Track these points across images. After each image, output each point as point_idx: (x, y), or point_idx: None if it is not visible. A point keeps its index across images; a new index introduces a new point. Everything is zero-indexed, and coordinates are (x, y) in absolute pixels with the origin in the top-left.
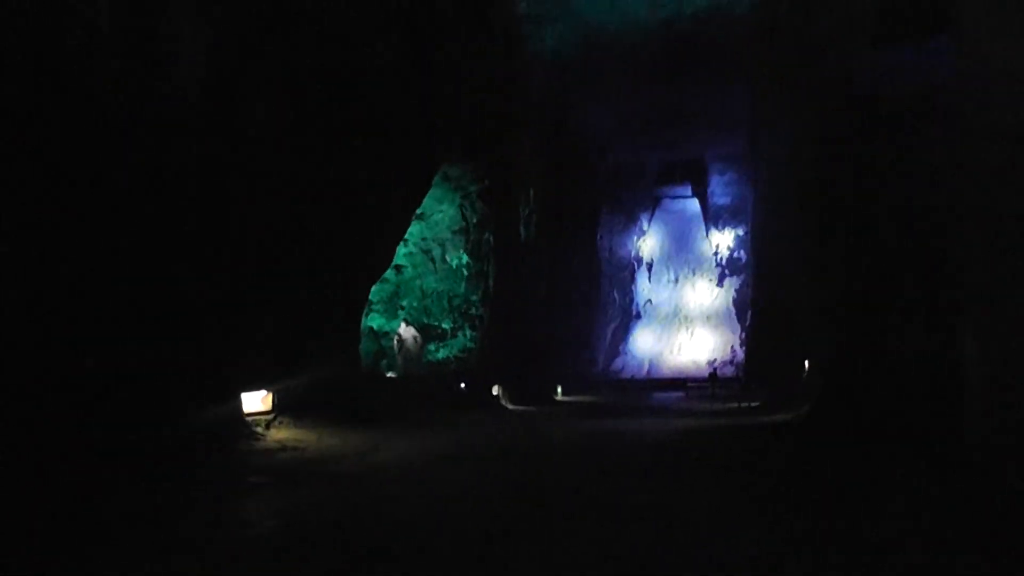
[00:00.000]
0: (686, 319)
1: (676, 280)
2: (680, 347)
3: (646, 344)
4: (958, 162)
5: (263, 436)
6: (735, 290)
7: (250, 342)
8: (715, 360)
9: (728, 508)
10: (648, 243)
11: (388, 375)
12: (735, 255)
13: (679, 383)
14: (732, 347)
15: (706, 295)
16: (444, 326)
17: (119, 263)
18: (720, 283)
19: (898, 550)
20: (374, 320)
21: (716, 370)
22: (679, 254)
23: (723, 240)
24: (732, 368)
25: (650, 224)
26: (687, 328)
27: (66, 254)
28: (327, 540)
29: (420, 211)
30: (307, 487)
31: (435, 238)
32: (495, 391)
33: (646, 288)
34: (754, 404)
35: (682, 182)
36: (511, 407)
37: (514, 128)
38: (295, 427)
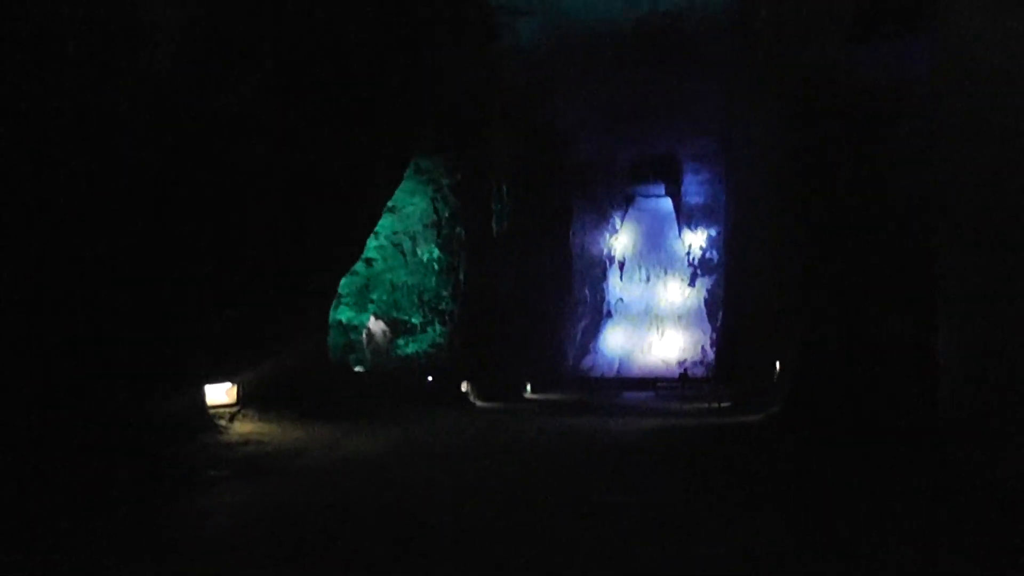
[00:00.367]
0: (657, 318)
1: (648, 279)
2: (651, 346)
3: (617, 343)
4: (934, 158)
5: (226, 429)
6: (707, 290)
7: (215, 333)
8: (686, 360)
9: (698, 508)
10: (620, 241)
11: (356, 369)
12: (707, 255)
13: (649, 382)
14: (703, 347)
15: (678, 295)
16: (414, 320)
17: (76, 252)
18: (692, 283)
19: (876, 550)
20: (343, 313)
21: (687, 370)
22: (651, 253)
23: (696, 240)
24: (702, 368)
25: (623, 222)
26: (658, 327)
27: (21, 244)
28: (282, 537)
29: (391, 204)
30: (267, 482)
31: (406, 231)
32: (464, 387)
33: (618, 286)
34: (724, 404)
35: (656, 181)
36: (480, 403)
37: (487, 122)
38: (259, 420)
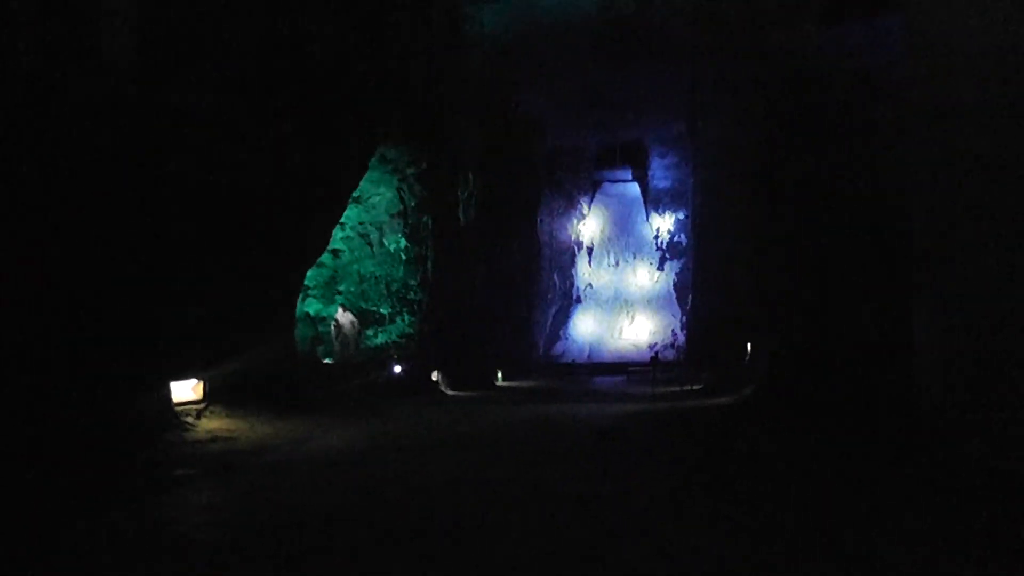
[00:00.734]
0: (627, 303)
1: (617, 264)
2: (621, 331)
3: (587, 328)
4: (907, 140)
5: (193, 426)
6: (675, 274)
7: (179, 329)
8: (656, 344)
9: (673, 496)
10: (588, 227)
11: (325, 361)
12: (675, 239)
13: (620, 367)
14: (673, 331)
15: (647, 279)
16: (382, 311)
17: (33, 248)
18: (661, 267)
19: (856, 540)
20: (311, 305)
21: (657, 354)
22: (620, 238)
23: (663, 224)
24: (673, 352)
25: (590, 207)
26: (628, 312)
27: None
28: (250, 537)
29: (357, 194)
30: (235, 479)
31: (373, 222)
32: (434, 377)
33: (587, 272)
34: (696, 387)
35: (622, 165)
36: (451, 392)
37: (454, 111)
38: (227, 416)
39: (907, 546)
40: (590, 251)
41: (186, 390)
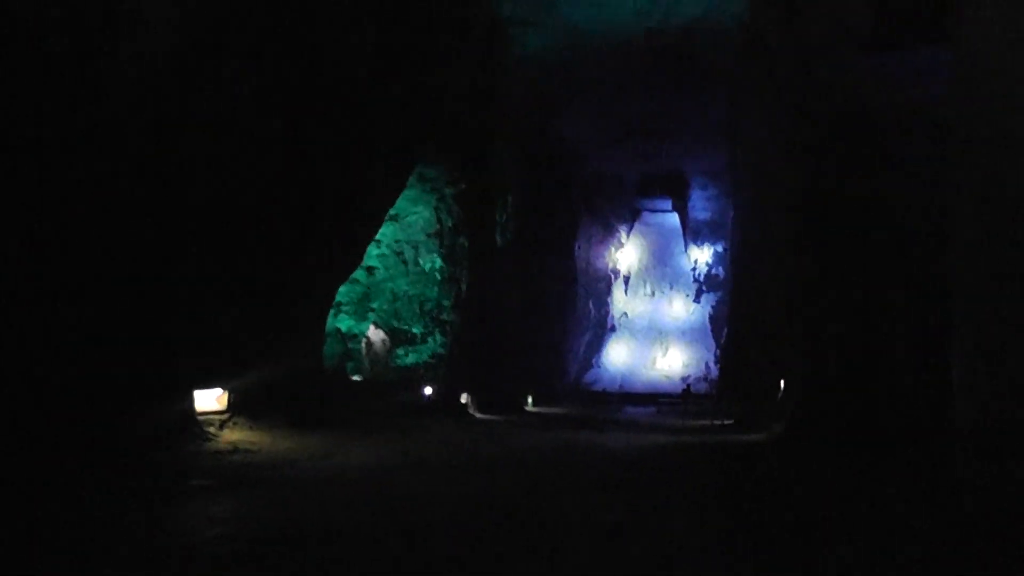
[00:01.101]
0: (661, 334)
1: (653, 294)
2: (654, 362)
3: (620, 357)
4: (950, 172)
5: (215, 437)
6: (711, 306)
7: (207, 338)
8: (689, 376)
9: (702, 532)
10: (626, 255)
11: (353, 378)
12: (713, 271)
13: (652, 398)
14: (707, 364)
15: (682, 311)
16: (414, 330)
17: (63, 254)
18: (697, 299)
19: None
20: (343, 322)
21: (689, 386)
22: (657, 268)
23: (701, 256)
24: (706, 385)
25: (628, 236)
26: (662, 343)
27: (6, 244)
28: (258, 552)
29: (394, 212)
30: (251, 492)
31: (408, 240)
32: (463, 399)
33: (622, 301)
34: (727, 422)
35: (662, 195)
36: (479, 416)
37: (493, 132)
38: (250, 428)
39: None
40: (626, 280)
41: (210, 400)
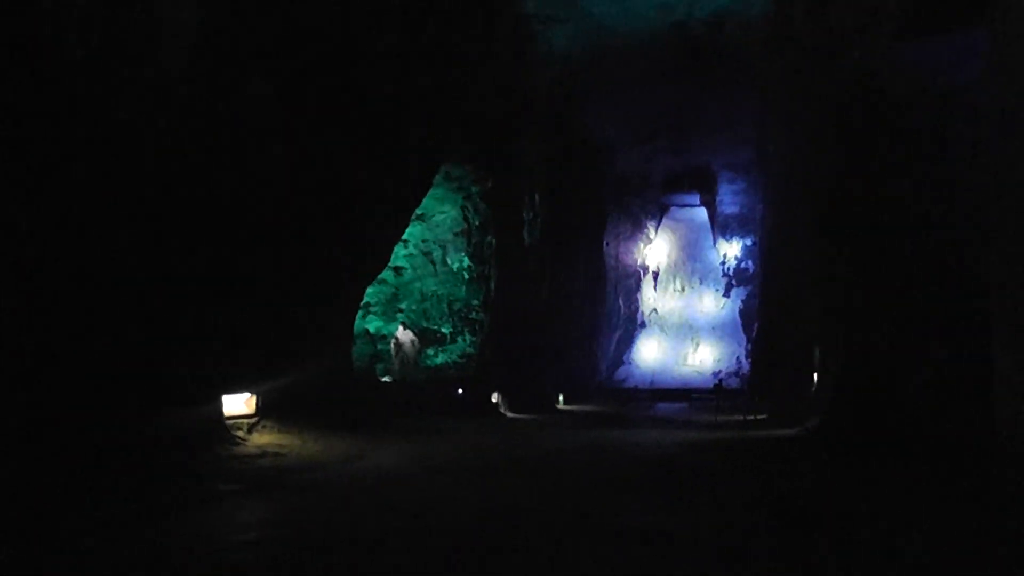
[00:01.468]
0: (692, 329)
1: (682, 290)
2: (685, 357)
3: (650, 354)
4: (987, 163)
5: (243, 441)
6: (742, 301)
7: (235, 341)
8: (720, 371)
9: (743, 533)
10: (655, 251)
11: (383, 379)
12: (743, 265)
13: (683, 394)
14: (738, 358)
15: (712, 306)
16: (443, 330)
17: (92, 255)
18: (727, 293)
19: None
20: (371, 323)
21: (721, 381)
22: (686, 263)
23: (731, 250)
24: (737, 380)
25: (657, 232)
26: (692, 339)
27: (32, 248)
28: (282, 559)
29: (421, 211)
30: (279, 497)
31: (436, 240)
32: (494, 398)
33: (651, 297)
34: (760, 417)
35: (690, 190)
36: (510, 415)
37: (519, 129)
38: (279, 431)
39: None
40: (656, 276)
41: (239, 403)
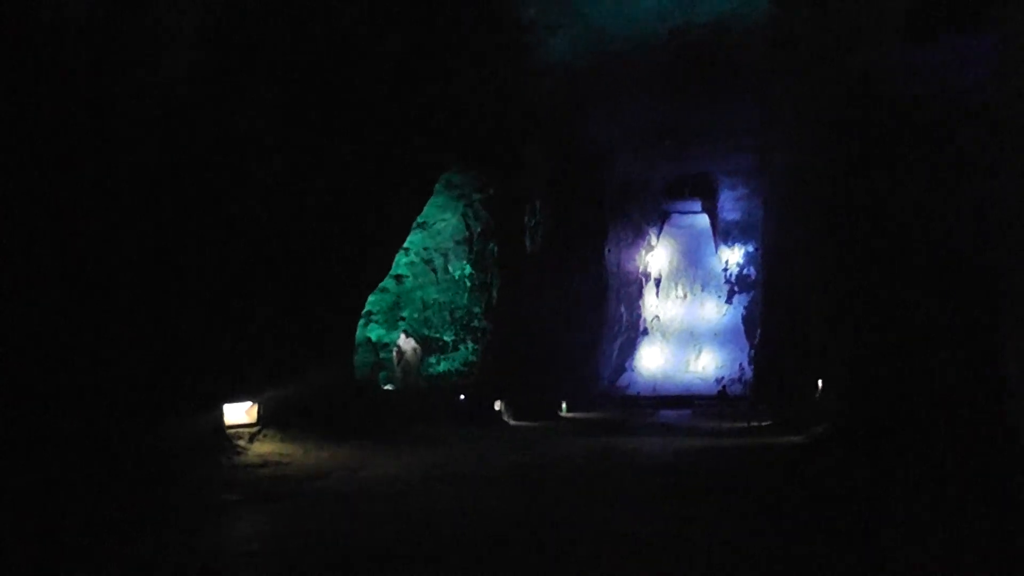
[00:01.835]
0: (694, 336)
1: (684, 296)
2: (688, 364)
3: (653, 361)
4: (995, 165)
5: (245, 450)
6: (744, 307)
7: (236, 350)
8: (723, 378)
9: (750, 542)
10: (656, 258)
11: (385, 388)
12: (744, 271)
13: (687, 400)
14: (741, 365)
15: (715, 312)
16: (445, 338)
17: (86, 264)
18: (729, 300)
19: None
20: (373, 331)
21: (725, 388)
22: (688, 270)
23: (732, 256)
24: (741, 386)
25: (658, 239)
26: (695, 345)
27: (28, 254)
28: (285, 573)
29: (422, 219)
30: (281, 507)
31: (437, 247)
32: (497, 406)
33: (654, 304)
34: (764, 423)
35: (692, 197)
36: (513, 423)
37: (520, 136)
38: (281, 441)
39: None
40: (658, 283)
41: (240, 413)
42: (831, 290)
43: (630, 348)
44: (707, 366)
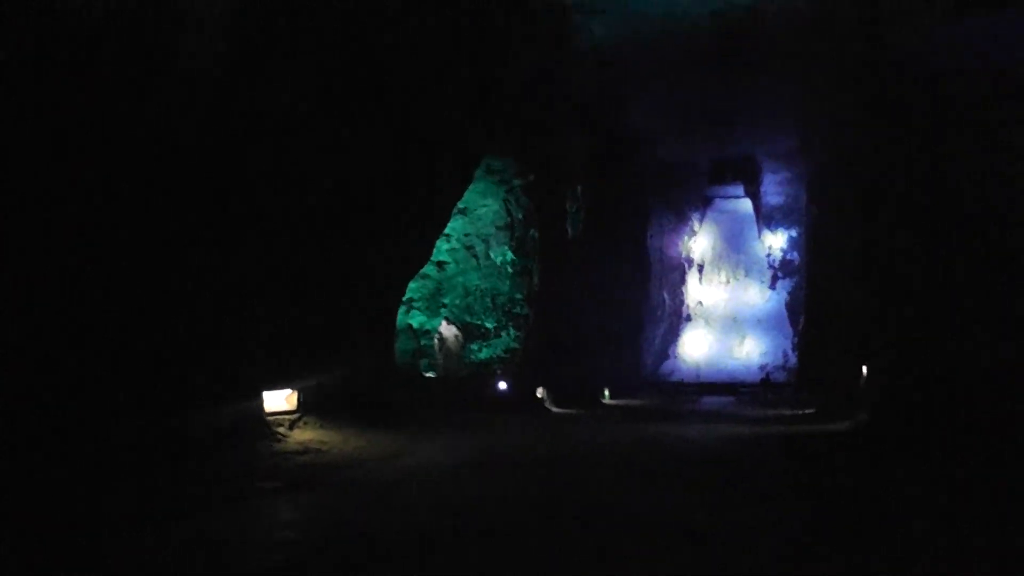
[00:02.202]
0: (737, 322)
1: (727, 282)
2: (731, 350)
3: (696, 347)
4: None
5: (285, 437)
6: (787, 293)
7: (276, 338)
8: (767, 364)
9: (797, 533)
10: (699, 244)
11: (427, 375)
12: (788, 257)
13: (730, 388)
14: (784, 351)
15: (758, 298)
16: (487, 325)
17: (135, 253)
18: (772, 285)
19: None
20: (415, 318)
21: (768, 374)
22: (731, 255)
23: (776, 241)
24: (784, 373)
25: (701, 224)
26: (738, 331)
27: (78, 245)
28: (315, 562)
29: (463, 205)
30: (319, 495)
31: (478, 234)
32: (539, 393)
33: (696, 290)
34: (808, 411)
35: (734, 181)
36: (555, 410)
37: (560, 121)
38: (320, 428)
39: None
40: (700, 268)
41: (280, 400)
42: (873, 275)
43: (673, 335)
44: (750, 353)
